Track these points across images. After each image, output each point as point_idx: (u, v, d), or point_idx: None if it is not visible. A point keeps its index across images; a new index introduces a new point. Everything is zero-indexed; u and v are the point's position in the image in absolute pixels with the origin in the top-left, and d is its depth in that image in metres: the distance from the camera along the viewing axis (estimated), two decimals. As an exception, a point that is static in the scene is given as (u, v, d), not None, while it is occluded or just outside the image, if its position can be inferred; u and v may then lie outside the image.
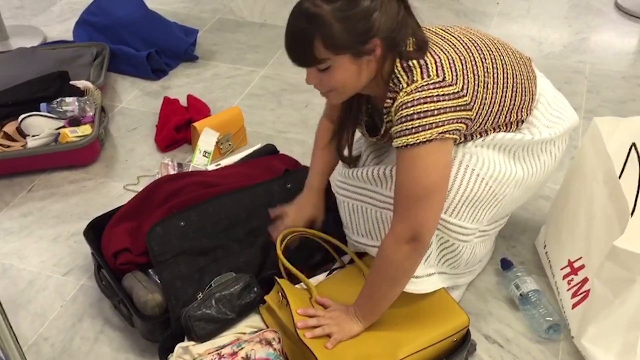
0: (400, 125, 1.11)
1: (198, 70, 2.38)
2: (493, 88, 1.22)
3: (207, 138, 1.87)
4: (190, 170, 1.79)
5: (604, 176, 1.32)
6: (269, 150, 1.82)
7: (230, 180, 1.64)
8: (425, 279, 1.30)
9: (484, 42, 1.24)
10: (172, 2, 2.86)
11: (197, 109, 2.09)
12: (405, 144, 1.11)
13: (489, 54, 1.22)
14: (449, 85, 1.11)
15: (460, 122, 1.13)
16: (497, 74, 1.23)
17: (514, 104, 1.28)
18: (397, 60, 1.14)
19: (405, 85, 1.12)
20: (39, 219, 1.73)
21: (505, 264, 1.49)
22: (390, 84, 1.16)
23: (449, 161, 1.15)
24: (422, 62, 1.13)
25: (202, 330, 1.27)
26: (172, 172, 1.78)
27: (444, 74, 1.12)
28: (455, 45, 1.19)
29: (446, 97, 1.11)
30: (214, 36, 2.60)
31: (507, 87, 1.25)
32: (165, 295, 1.34)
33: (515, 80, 1.27)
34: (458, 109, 1.12)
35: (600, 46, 2.51)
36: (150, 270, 1.43)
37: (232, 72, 2.36)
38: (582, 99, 2.19)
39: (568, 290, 1.40)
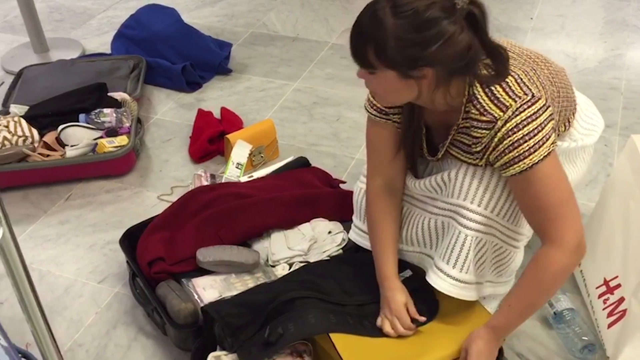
0: (514, 151, 1.12)
1: (231, 83, 2.41)
2: (559, 98, 1.25)
3: (240, 150, 1.89)
4: (222, 181, 1.81)
5: (641, 194, 1.31)
6: (302, 163, 1.83)
7: (263, 192, 1.65)
8: (476, 286, 1.29)
9: (531, 53, 1.26)
10: (207, 17, 2.92)
11: (230, 122, 2.12)
12: (529, 165, 1.12)
13: (544, 65, 1.24)
14: (539, 99, 1.13)
15: (554, 131, 1.15)
16: (556, 83, 1.25)
17: (567, 115, 1.31)
18: (476, 84, 1.14)
19: (499, 113, 1.13)
20: (76, 227, 1.77)
21: (539, 282, 1.47)
22: (472, 110, 1.15)
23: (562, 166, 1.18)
24: (503, 84, 1.14)
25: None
26: (205, 183, 1.81)
27: (530, 89, 1.13)
28: (516, 59, 1.20)
29: (541, 111, 1.13)
30: (247, 50, 2.63)
31: (562, 98, 1.28)
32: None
33: (567, 90, 1.29)
34: (551, 118, 1.14)
35: (636, 62, 2.48)
36: (183, 280, 1.45)
37: (264, 85, 2.39)
38: (618, 116, 2.16)
39: (604, 309, 1.38)
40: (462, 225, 1.22)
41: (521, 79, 1.14)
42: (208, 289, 1.40)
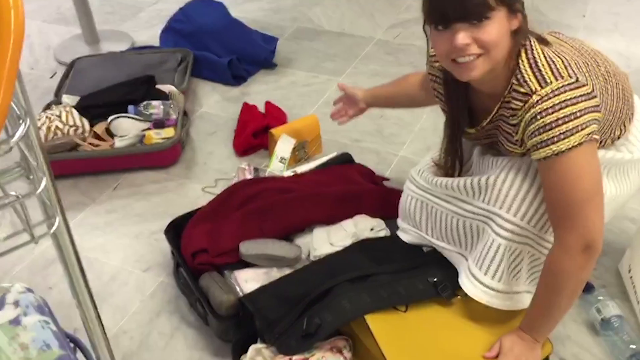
0: (544, 134, 1.08)
1: (276, 78, 2.42)
2: (611, 96, 1.20)
3: (284, 145, 1.90)
4: (266, 175, 1.82)
5: (698, 200, 1.26)
6: (345, 159, 1.83)
7: (306, 187, 1.66)
8: (517, 296, 1.27)
9: (592, 51, 1.22)
10: (254, 11, 2.93)
11: (275, 116, 2.13)
12: (555, 152, 1.08)
13: (603, 63, 1.20)
14: (583, 86, 1.09)
15: (596, 123, 1.10)
16: (612, 82, 1.20)
17: (622, 117, 1.26)
18: (523, 51, 1.12)
19: (537, 87, 1.09)
20: (123, 217, 1.81)
21: (587, 287, 1.43)
22: (513, 79, 1.13)
23: (598, 161, 1.12)
24: (549, 60, 1.11)
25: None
26: (248, 176, 1.83)
27: (576, 74, 1.10)
28: (570, 49, 1.17)
29: (584, 98, 1.08)
30: (292, 44, 2.64)
31: (619, 98, 1.23)
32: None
33: (624, 92, 1.24)
34: (595, 109, 1.09)
35: (694, 63, 2.39)
36: (225, 272, 1.47)
37: (309, 80, 2.40)
38: (673, 118, 2.08)
39: (654, 318, 1.34)
40: (496, 233, 1.21)
41: (569, 63, 1.11)
42: (250, 282, 1.42)
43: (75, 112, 1.98)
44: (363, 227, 1.54)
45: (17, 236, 0.81)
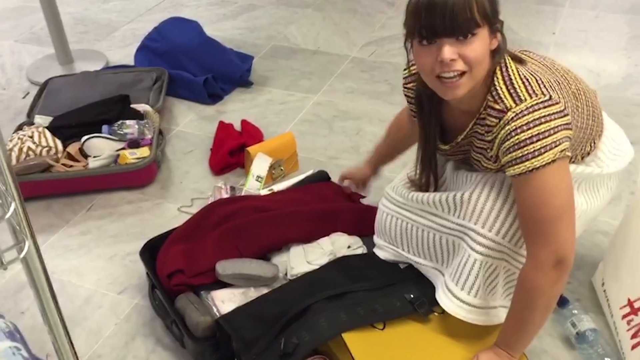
0: (518, 151, 1.10)
1: (252, 96, 2.42)
2: (581, 114, 1.22)
3: (260, 163, 1.90)
4: (243, 194, 1.82)
5: (667, 214, 1.28)
6: (321, 177, 1.83)
7: (283, 205, 1.66)
8: (494, 311, 1.28)
9: (562, 69, 1.25)
10: (229, 29, 2.94)
11: (251, 134, 2.13)
12: (529, 168, 1.10)
13: (573, 80, 1.23)
14: (557, 104, 1.11)
15: (568, 141, 1.12)
16: (582, 100, 1.23)
17: (592, 134, 1.28)
18: (499, 69, 1.14)
19: (512, 104, 1.11)
20: (97, 238, 1.78)
21: (561, 301, 1.45)
22: (489, 96, 1.15)
23: (570, 177, 1.14)
24: (524, 78, 1.13)
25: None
26: (225, 195, 1.82)
27: (549, 92, 1.12)
28: (542, 67, 1.19)
29: (557, 115, 1.10)
30: (268, 62, 2.65)
31: (589, 116, 1.25)
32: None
33: (594, 109, 1.27)
34: (567, 127, 1.11)
35: (661, 78, 2.45)
36: (202, 293, 1.45)
37: (285, 98, 2.40)
38: (642, 132, 2.13)
39: (627, 330, 1.35)
40: (472, 248, 1.22)
41: (543, 82, 1.13)
42: (227, 302, 1.40)
43: (48, 132, 1.96)
44: (340, 245, 1.54)
45: (-15, 262, 0.79)
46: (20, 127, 2.05)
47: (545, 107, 1.10)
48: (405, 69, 1.34)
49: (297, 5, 3.17)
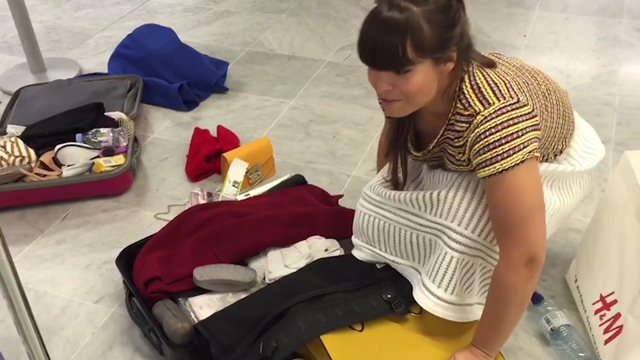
0: (488, 153, 1.12)
1: (228, 102, 2.42)
2: (551, 114, 1.25)
3: (236, 168, 1.90)
4: (219, 200, 1.81)
5: (636, 210, 1.31)
6: (298, 181, 1.84)
7: (259, 210, 1.66)
8: (470, 308, 1.30)
9: (532, 70, 1.27)
10: (204, 36, 2.94)
11: (227, 140, 2.13)
12: (499, 170, 1.12)
13: (543, 81, 1.25)
14: (524, 106, 1.13)
15: (537, 141, 1.14)
16: (552, 100, 1.25)
17: (563, 133, 1.31)
18: (466, 77, 1.16)
19: (481, 108, 1.13)
20: (72, 247, 1.77)
21: (536, 298, 1.47)
22: (458, 104, 1.17)
23: (540, 177, 1.16)
24: (491, 83, 1.15)
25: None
26: (202, 201, 1.81)
27: (517, 94, 1.14)
28: (511, 69, 1.21)
29: (524, 117, 1.12)
30: (243, 68, 2.65)
31: (559, 115, 1.28)
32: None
33: (564, 109, 1.29)
34: (534, 128, 1.14)
35: (629, 78, 2.50)
36: (180, 299, 1.45)
37: (261, 104, 2.41)
38: (612, 132, 2.17)
39: (600, 325, 1.38)
40: (448, 245, 1.23)
41: (511, 85, 1.15)
42: (205, 308, 1.40)
43: (20, 142, 1.94)
44: (317, 248, 1.54)
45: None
46: (-8, 137, 2.03)
47: (513, 110, 1.12)
48: None
49: (271, 11, 3.18)
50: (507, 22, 2.96)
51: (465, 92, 1.16)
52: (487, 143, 1.12)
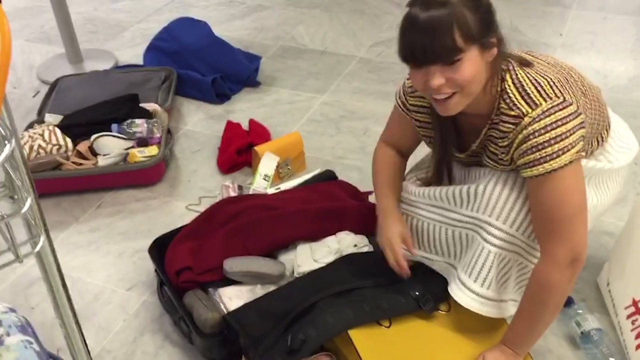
0: (537, 153, 1.12)
1: (260, 96, 2.44)
2: (589, 110, 1.24)
3: (267, 162, 1.91)
4: (250, 192, 1.83)
5: (672, 215, 1.29)
6: (328, 176, 1.84)
7: (290, 204, 1.67)
8: (504, 304, 1.29)
9: (566, 66, 1.27)
10: (237, 30, 2.96)
11: (258, 134, 2.15)
12: (548, 170, 1.12)
13: (579, 77, 1.24)
14: (570, 105, 1.12)
15: (582, 140, 1.14)
16: (589, 96, 1.25)
17: (599, 129, 1.30)
18: (507, 76, 1.16)
19: (528, 110, 1.13)
20: (106, 235, 1.80)
21: (567, 301, 1.45)
22: (502, 104, 1.16)
23: (584, 177, 1.16)
24: (534, 82, 1.14)
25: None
26: (232, 194, 1.83)
27: (562, 94, 1.13)
28: (549, 67, 1.20)
29: (572, 117, 1.12)
30: (276, 63, 2.67)
31: (596, 112, 1.27)
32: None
33: (599, 105, 1.28)
34: (581, 126, 1.13)
35: (668, 80, 2.45)
36: (209, 289, 1.47)
37: (292, 98, 2.42)
38: (649, 134, 2.13)
39: (632, 330, 1.36)
40: (486, 240, 1.23)
41: (554, 83, 1.14)
42: (234, 299, 1.42)
43: (58, 131, 1.98)
44: (346, 243, 1.55)
45: (1, 255, 0.81)
46: (30, 126, 2.08)
47: (560, 110, 1.11)
48: (408, 79, 1.33)
49: (304, 5, 3.18)
50: (542, 21, 2.92)
51: (509, 91, 1.15)
52: (535, 144, 1.12)
